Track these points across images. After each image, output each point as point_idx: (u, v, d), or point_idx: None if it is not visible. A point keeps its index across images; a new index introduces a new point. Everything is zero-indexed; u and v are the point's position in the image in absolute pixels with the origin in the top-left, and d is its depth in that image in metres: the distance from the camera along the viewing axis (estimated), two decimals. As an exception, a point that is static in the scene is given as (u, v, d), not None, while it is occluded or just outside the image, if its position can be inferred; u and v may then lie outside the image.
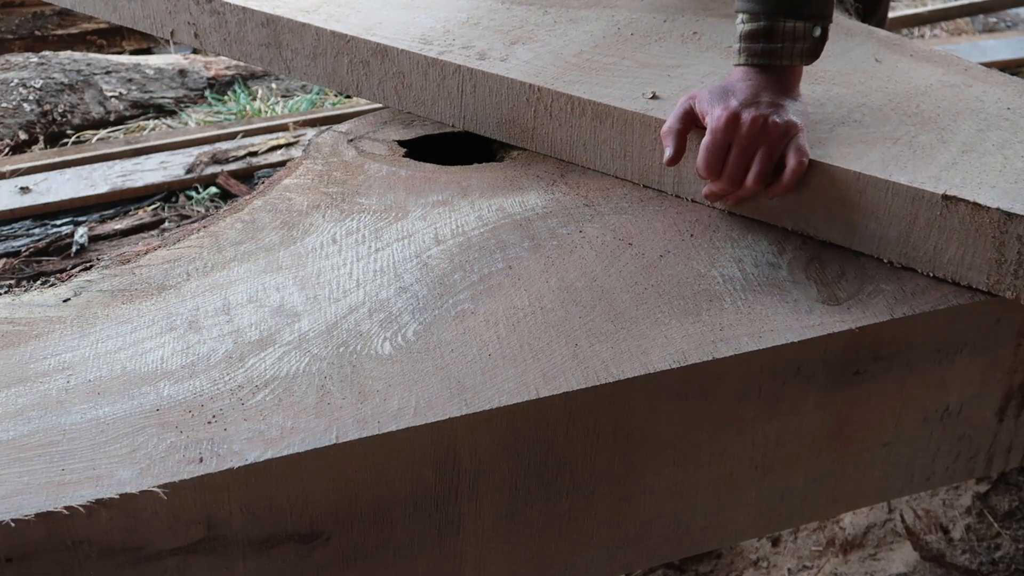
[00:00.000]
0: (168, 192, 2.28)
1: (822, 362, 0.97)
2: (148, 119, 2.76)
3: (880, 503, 1.68)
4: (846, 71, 1.23)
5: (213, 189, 2.26)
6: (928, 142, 1.06)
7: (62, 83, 2.70)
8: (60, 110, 2.64)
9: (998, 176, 0.99)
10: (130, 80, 2.83)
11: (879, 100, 1.16)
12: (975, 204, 0.94)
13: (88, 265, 1.97)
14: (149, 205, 2.24)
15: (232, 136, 2.47)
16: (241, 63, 2.24)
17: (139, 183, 2.27)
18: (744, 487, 1.03)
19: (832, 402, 1.01)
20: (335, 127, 1.32)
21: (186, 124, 2.74)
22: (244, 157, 2.37)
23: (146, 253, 1.06)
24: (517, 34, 1.33)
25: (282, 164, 2.27)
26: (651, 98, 1.15)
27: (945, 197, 0.95)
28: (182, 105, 2.84)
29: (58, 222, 2.16)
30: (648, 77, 1.20)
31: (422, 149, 1.28)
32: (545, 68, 1.22)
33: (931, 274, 1.00)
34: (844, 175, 1.01)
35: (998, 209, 0.93)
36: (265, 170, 2.34)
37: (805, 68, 1.07)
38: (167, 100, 2.83)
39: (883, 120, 1.11)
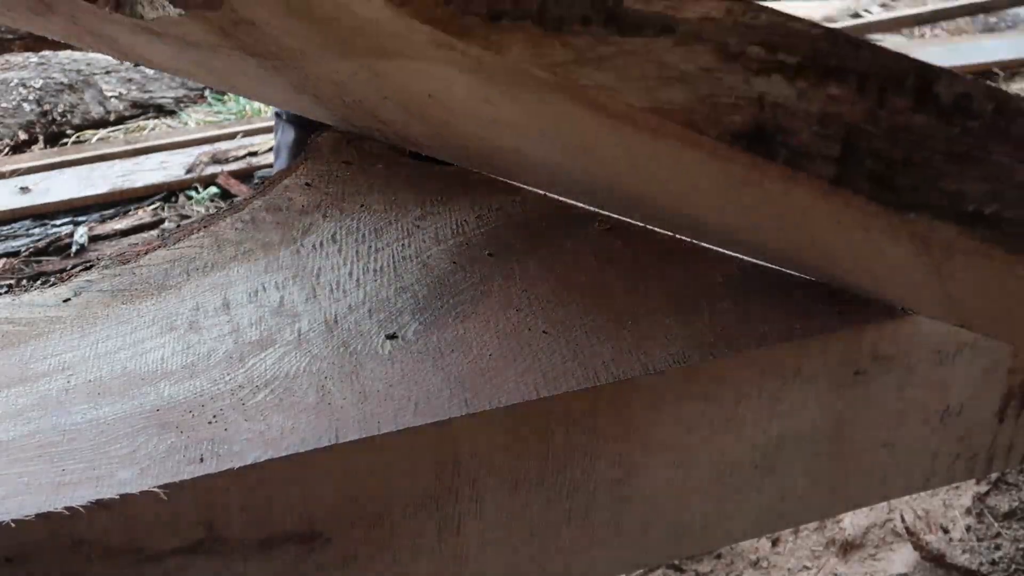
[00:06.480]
0: (168, 192, 2.28)
1: (822, 363, 0.97)
2: (148, 119, 2.77)
3: (880, 503, 1.68)
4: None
5: (213, 189, 2.26)
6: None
7: (62, 83, 2.70)
8: (60, 110, 2.64)
9: None
10: (130, 80, 2.83)
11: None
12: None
13: (88, 265, 1.97)
14: (149, 205, 2.24)
15: (232, 136, 2.48)
16: (241, 63, 2.23)
17: (139, 183, 2.27)
18: (744, 488, 1.03)
19: (832, 403, 1.01)
20: (335, 127, 1.32)
21: (186, 124, 2.74)
22: (244, 157, 2.37)
23: (146, 253, 1.06)
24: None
25: (282, 164, 2.27)
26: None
27: None
28: (182, 105, 2.85)
29: (58, 222, 2.16)
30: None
31: (422, 149, 1.28)
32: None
33: (931, 274, 1.00)
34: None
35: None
36: (265, 170, 2.34)
37: None
38: (167, 100, 2.83)
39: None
